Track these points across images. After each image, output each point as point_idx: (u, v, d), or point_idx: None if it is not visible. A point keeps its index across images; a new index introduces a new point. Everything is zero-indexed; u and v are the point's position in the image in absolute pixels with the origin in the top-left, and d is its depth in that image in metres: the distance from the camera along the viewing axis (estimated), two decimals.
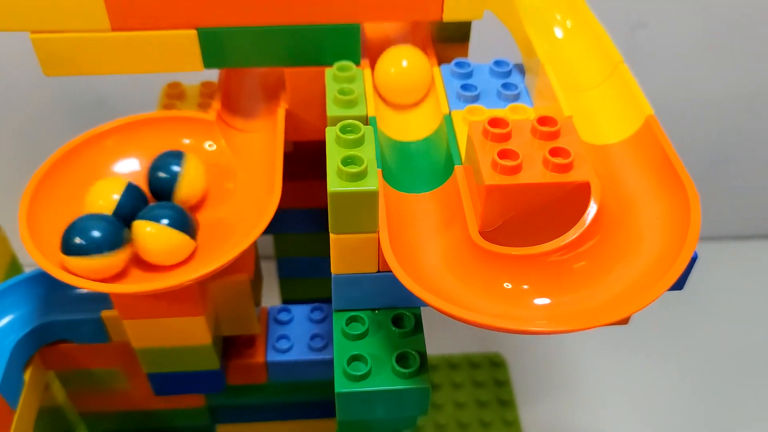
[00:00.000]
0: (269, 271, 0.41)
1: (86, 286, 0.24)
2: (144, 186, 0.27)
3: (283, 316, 0.32)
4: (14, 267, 0.36)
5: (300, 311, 0.32)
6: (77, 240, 0.23)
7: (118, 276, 0.25)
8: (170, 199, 0.26)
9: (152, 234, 0.24)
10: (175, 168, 0.26)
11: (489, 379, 0.45)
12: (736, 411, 0.44)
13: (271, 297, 0.43)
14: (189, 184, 0.26)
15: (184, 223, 0.25)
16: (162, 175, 0.26)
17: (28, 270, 0.31)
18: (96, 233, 0.23)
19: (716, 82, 0.47)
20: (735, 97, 0.48)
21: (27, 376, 0.28)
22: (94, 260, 0.23)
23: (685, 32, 0.45)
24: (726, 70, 0.47)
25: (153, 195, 0.26)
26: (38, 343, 0.28)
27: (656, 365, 0.47)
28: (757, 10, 0.44)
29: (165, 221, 0.24)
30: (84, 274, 0.24)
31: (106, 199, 0.25)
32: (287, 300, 0.42)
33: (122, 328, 0.28)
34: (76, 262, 0.23)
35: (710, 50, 0.46)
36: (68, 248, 0.24)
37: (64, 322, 0.28)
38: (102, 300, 0.28)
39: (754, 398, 0.45)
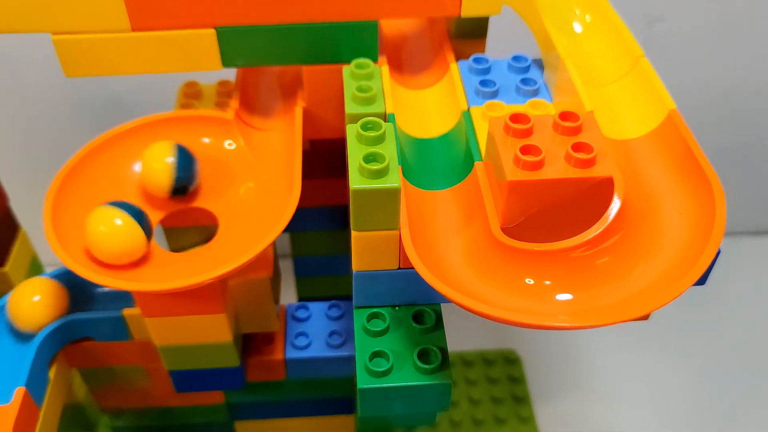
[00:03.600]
0: (285, 270, 0.41)
1: (109, 284, 0.24)
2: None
3: (301, 314, 0.32)
4: (35, 266, 0.36)
5: (318, 308, 0.33)
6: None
7: (140, 274, 0.25)
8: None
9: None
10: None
11: (504, 375, 0.45)
12: (753, 408, 0.44)
13: (288, 295, 0.43)
14: None
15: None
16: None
17: (48, 269, 0.31)
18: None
19: (734, 74, 0.47)
20: (752, 89, 0.48)
21: (52, 373, 0.28)
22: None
23: (703, 25, 0.44)
24: (744, 62, 0.46)
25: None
26: (62, 341, 0.29)
27: (672, 362, 0.47)
28: None
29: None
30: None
31: (160, 161, 0.26)
32: (304, 298, 0.43)
33: (144, 326, 0.28)
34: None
35: (728, 42, 0.45)
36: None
37: (88, 320, 0.29)
38: (124, 298, 0.29)
39: None
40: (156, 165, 0.26)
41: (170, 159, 0.26)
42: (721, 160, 0.51)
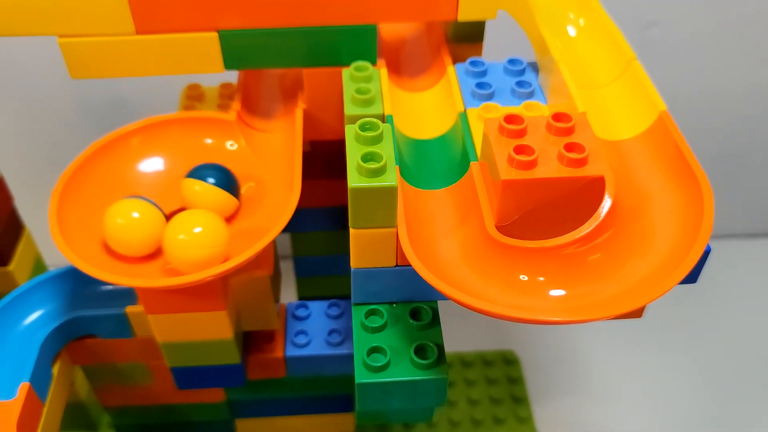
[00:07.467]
0: (286, 270, 0.42)
1: (113, 281, 0.24)
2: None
3: (301, 312, 0.33)
4: (39, 266, 0.37)
5: (317, 307, 0.33)
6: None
7: (143, 271, 0.26)
8: None
9: (200, 192, 0.27)
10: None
11: (502, 376, 0.46)
12: (750, 406, 0.44)
13: (288, 295, 0.44)
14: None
15: (229, 183, 0.27)
16: None
17: (52, 269, 0.32)
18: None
19: (728, 78, 0.47)
20: (747, 94, 0.48)
21: (55, 370, 0.29)
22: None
23: (697, 29, 0.45)
24: (738, 67, 0.47)
25: None
26: (66, 338, 0.29)
27: (669, 361, 0.47)
28: None
29: (211, 180, 0.27)
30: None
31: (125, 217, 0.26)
32: (304, 298, 0.43)
33: (146, 323, 0.29)
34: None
35: (722, 47, 0.46)
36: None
37: (91, 318, 0.29)
38: (127, 295, 0.29)
39: None
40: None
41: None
42: (716, 163, 0.52)
